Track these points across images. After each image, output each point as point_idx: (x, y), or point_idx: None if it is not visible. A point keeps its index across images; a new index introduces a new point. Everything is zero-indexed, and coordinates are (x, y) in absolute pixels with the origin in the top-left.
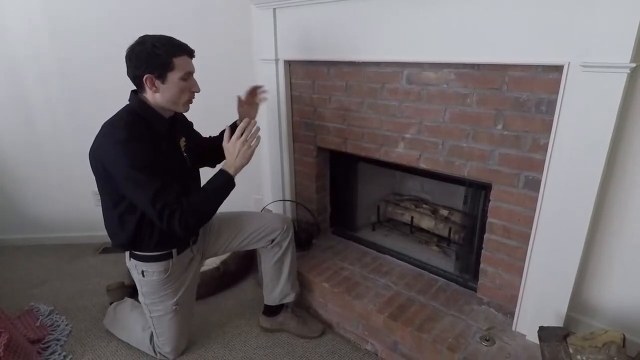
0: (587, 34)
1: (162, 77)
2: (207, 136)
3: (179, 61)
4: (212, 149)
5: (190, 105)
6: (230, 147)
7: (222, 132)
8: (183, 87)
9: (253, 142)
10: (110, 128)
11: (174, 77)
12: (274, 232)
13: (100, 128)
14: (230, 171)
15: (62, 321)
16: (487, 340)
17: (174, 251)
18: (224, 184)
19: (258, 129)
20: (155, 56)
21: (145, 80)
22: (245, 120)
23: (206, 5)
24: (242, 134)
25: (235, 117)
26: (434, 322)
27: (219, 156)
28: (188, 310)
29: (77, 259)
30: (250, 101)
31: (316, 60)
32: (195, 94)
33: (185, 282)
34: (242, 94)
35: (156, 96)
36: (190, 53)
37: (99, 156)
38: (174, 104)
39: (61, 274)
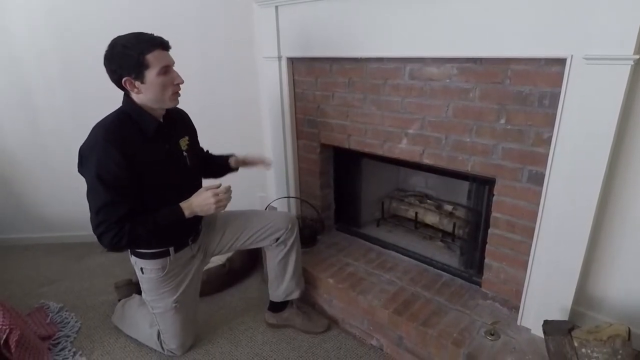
0: (590, 27)
1: (140, 77)
2: (208, 152)
3: (152, 57)
4: (215, 166)
5: (178, 98)
6: (203, 193)
7: (225, 157)
8: (164, 82)
9: (221, 203)
10: (95, 130)
11: (151, 74)
12: (278, 231)
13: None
14: (186, 212)
15: (72, 318)
16: (492, 335)
17: (171, 249)
18: (174, 221)
19: (230, 197)
20: (127, 57)
21: (125, 83)
22: (228, 187)
23: (208, 4)
24: (218, 193)
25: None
26: (439, 317)
27: (222, 172)
28: (190, 308)
29: (85, 257)
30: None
31: (319, 57)
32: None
33: (185, 280)
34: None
35: (141, 97)
36: (163, 45)
37: (80, 154)
38: (160, 101)
39: (70, 272)
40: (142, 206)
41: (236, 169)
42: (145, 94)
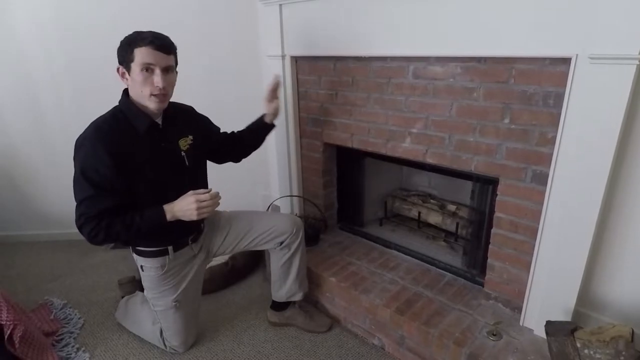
0: (595, 26)
1: (128, 68)
2: (234, 132)
3: (139, 51)
4: (250, 136)
5: (158, 102)
6: (187, 197)
7: (256, 120)
8: (144, 79)
9: (204, 210)
10: (90, 126)
11: (135, 68)
12: (283, 235)
13: None
14: (168, 216)
15: (75, 314)
16: (494, 335)
17: (170, 248)
18: (155, 224)
19: (216, 204)
20: (122, 47)
21: (118, 70)
22: (215, 193)
23: (212, 2)
24: (202, 200)
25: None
26: (441, 316)
27: (262, 136)
28: (191, 307)
29: (89, 254)
30: (271, 98)
31: (322, 56)
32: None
33: (185, 279)
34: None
35: (130, 90)
36: (155, 44)
37: (75, 145)
38: (140, 98)
39: (74, 269)
40: (135, 204)
41: (273, 124)
42: (130, 87)
